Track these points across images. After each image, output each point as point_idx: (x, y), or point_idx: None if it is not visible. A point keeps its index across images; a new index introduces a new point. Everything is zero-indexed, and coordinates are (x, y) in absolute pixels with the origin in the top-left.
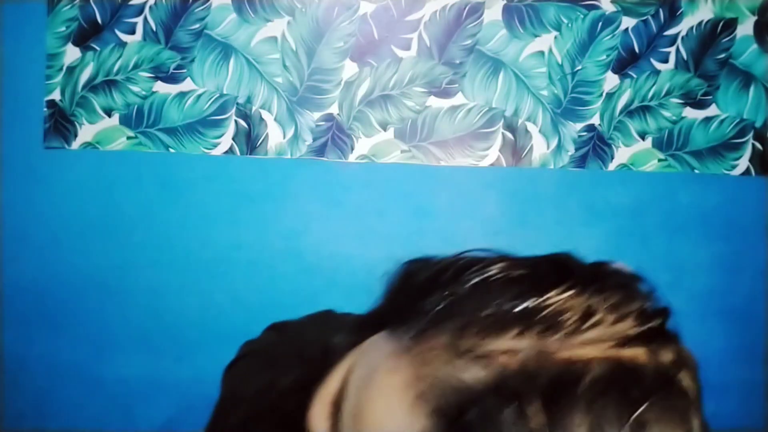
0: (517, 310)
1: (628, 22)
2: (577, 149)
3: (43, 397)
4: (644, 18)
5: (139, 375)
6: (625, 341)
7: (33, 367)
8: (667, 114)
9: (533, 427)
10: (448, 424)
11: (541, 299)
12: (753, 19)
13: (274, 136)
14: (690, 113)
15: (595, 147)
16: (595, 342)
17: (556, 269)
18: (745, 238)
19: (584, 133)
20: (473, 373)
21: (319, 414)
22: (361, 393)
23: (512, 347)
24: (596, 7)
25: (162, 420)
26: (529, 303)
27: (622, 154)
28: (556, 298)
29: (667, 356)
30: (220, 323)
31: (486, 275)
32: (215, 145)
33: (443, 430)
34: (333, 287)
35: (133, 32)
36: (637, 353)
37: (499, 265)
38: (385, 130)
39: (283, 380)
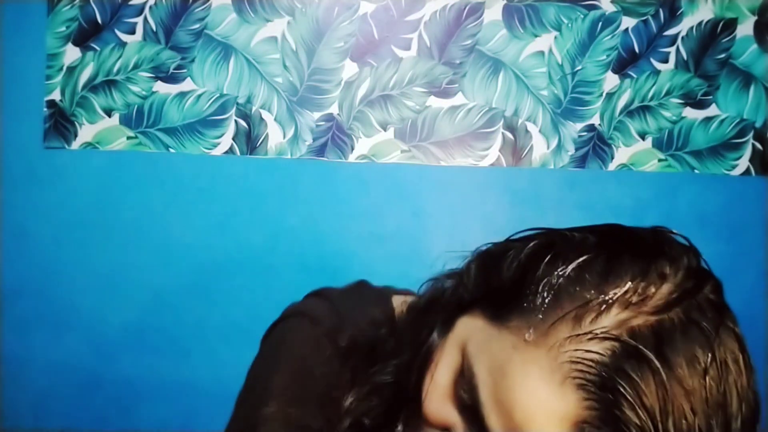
0: (617, 295)
1: (628, 22)
2: (577, 149)
3: (43, 397)
4: (644, 18)
5: (139, 375)
6: (689, 288)
7: (33, 367)
8: (667, 114)
9: (655, 371)
10: (596, 394)
11: (639, 283)
12: (753, 19)
13: (274, 136)
14: (690, 113)
15: (595, 147)
16: (668, 300)
17: (623, 243)
18: (745, 238)
19: (584, 133)
20: (600, 348)
21: (441, 401)
22: (501, 382)
23: (621, 320)
24: (596, 7)
25: (162, 420)
26: (625, 287)
27: (622, 154)
28: (643, 278)
29: (708, 289)
30: (220, 323)
31: (574, 264)
32: (215, 145)
33: (593, 400)
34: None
35: (133, 32)
36: (701, 294)
37: (580, 255)
38: (385, 130)
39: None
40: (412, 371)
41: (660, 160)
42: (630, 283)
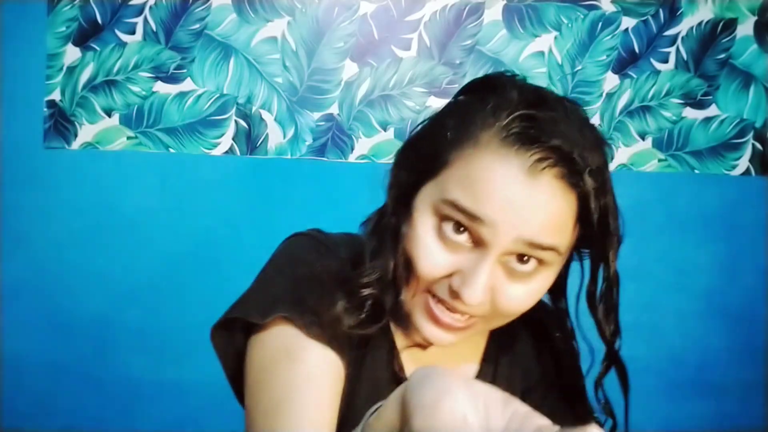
0: (499, 105)
1: (628, 23)
2: None
3: (43, 397)
4: (644, 18)
5: (140, 375)
6: None
7: (33, 367)
8: (667, 114)
9: None
10: (534, 146)
11: (504, 94)
12: (753, 19)
13: (274, 136)
14: (690, 113)
15: None
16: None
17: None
18: (745, 238)
19: None
20: (517, 123)
21: (433, 257)
22: (471, 183)
23: (510, 120)
24: (596, 7)
25: (162, 420)
26: (498, 100)
27: (622, 154)
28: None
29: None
30: None
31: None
32: (215, 145)
33: (533, 151)
34: None
35: (133, 32)
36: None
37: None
38: (385, 130)
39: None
40: (396, 255)
41: (660, 160)
42: (499, 95)
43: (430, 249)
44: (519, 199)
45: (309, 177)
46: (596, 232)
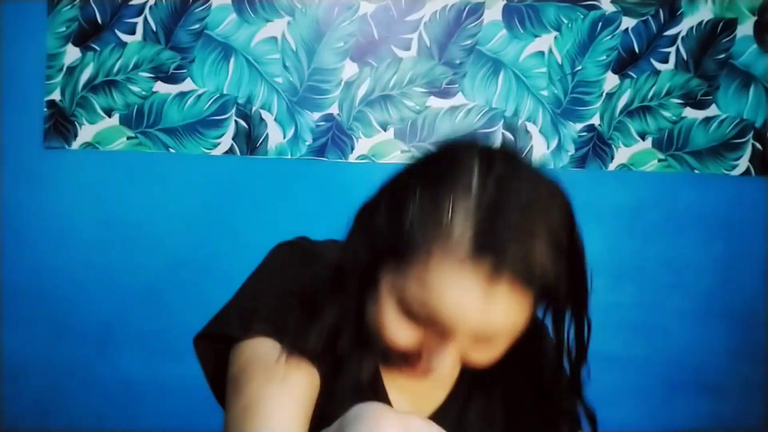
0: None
1: (628, 23)
2: (577, 149)
3: (43, 397)
4: (644, 18)
5: (139, 375)
6: None
7: (33, 367)
8: (667, 114)
9: None
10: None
11: (470, 180)
12: (753, 19)
13: (274, 136)
14: (690, 113)
15: (595, 147)
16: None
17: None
18: (745, 238)
19: (584, 133)
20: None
21: (397, 325)
22: (423, 289)
23: (472, 208)
24: (596, 7)
25: (162, 420)
26: (464, 188)
27: (622, 154)
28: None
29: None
30: None
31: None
32: (215, 145)
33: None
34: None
35: (133, 32)
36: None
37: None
38: (385, 130)
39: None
40: (354, 324)
41: (660, 160)
42: (463, 182)
43: (396, 325)
44: (477, 307)
45: (309, 177)
46: (569, 301)
